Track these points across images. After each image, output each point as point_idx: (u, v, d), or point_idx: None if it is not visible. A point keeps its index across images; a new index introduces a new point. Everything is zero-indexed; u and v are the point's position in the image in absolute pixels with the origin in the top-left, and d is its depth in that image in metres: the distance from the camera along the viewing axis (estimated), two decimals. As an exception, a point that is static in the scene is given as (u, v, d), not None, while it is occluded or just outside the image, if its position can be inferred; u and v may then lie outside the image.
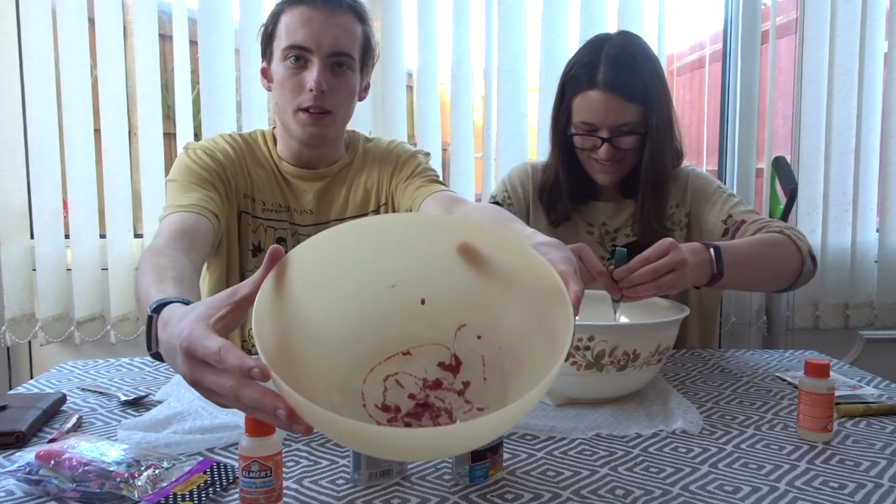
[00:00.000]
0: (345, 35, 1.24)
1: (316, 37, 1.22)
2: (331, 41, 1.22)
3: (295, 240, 1.36)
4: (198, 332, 0.64)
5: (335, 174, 1.38)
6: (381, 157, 1.40)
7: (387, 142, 1.44)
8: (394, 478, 0.79)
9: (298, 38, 1.22)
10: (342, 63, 1.24)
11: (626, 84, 1.30)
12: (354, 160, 1.40)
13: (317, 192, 1.36)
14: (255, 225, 1.35)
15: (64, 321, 1.91)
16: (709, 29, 2.55)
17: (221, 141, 1.35)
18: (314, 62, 1.22)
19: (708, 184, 1.42)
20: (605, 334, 0.97)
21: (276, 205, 1.35)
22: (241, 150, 1.35)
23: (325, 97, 1.23)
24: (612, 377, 0.99)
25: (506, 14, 1.90)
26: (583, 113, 1.33)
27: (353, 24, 1.26)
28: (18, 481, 0.76)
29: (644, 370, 1.01)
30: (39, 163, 1.84)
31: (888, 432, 0.93)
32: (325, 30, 1.22)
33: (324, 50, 1.22)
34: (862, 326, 2.06)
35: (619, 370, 0.98)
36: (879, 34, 1.98)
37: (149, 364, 1.27)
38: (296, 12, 1.23)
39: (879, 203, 2.03)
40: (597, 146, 1.33)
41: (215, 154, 1.30)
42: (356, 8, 1.27)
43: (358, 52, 1.27)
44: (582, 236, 1.44)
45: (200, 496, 0.74)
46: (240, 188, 1.34)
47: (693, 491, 0.77)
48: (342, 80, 1.25)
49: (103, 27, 1.83)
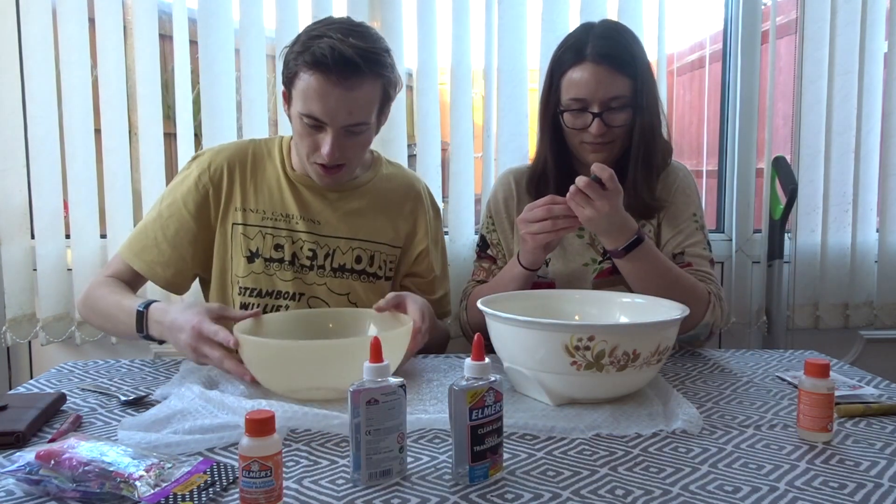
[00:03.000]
0: (361, 108, 1.24)
1: (330, 112, 1.23)
2: (345, 117, 1.23)
3: (296, 247, 1.38)
4: (204, 318, 1.09)
5: (351, 190, 1.41)
6: (403, 196, 1.46)
7: (410, 177, 1.51)
8: (394, 478, 0.79)
9: (314, 110, 1.23)
10: (358, 132, 1.27)
11: (616, 55, 1.31)
12: (374, 180, 1.44)
13: (326, 205, 1.39)
14: (251, 233, 1.38)
15: (64, 321, 1.91)
16: (709, 29, 2.55)
17: (223, 155, 1.40)
18: (329, 130, 1.25)
19: (686, 206, 1.41)
20: (605, 334, 0.97)
21: (277, 213, 1.38)
22: (243, 162, 1.40)
23: (337, 159, 1.28)
24: (611, 377, 0.99)
25: (506, 14, 1.90)
26: (573, 89, 1.33)
27: (370, 91, 1.24)
28: (18, 481, 0.76)
29: (644, 370, 1.01)
30: (39, 163, 1.84)
31: (888, 432, 0.93)
32: (341, 105, 1.22)
33: (338, 123, 1.24)
34: (862, 326, 2.06)
35: (619, 370, 0.98)
36: (879, 34, 1.98)
37: (149, 364, 1.28)
38: (313, 80, 1.21)
39: (879, 203, 2.03)
40: (587, 124, 1.32)
41: (204, 178, 1.37)
42: (375, 69, 1.23)
43: (375, 111, 1.28)
44: (570, 241, 1.42)
45: (200, 496, 0.74)
46: (231, 203, 1.38)
47: (693, 491, 0.77)
48: (356, 139, 1.28)
49: (103, 27, 1.82)
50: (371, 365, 0.79)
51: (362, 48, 1.21)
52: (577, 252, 1.41)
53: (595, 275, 1.39)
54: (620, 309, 1.21)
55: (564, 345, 0.97)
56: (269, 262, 1.37)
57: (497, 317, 1.04)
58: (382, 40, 1.28)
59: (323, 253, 1.39)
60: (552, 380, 1.01)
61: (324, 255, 1.39)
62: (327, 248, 1.39)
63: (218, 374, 1.15)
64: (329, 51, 1.18)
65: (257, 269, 1.37)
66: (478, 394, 0.77)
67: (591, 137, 1.33)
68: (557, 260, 1.41)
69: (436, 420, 0.95)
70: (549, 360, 0.99)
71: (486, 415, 0.78)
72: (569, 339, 0.97)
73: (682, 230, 1.39)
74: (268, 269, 1.37)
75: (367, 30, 1.27)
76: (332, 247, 1.39)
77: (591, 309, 1.24)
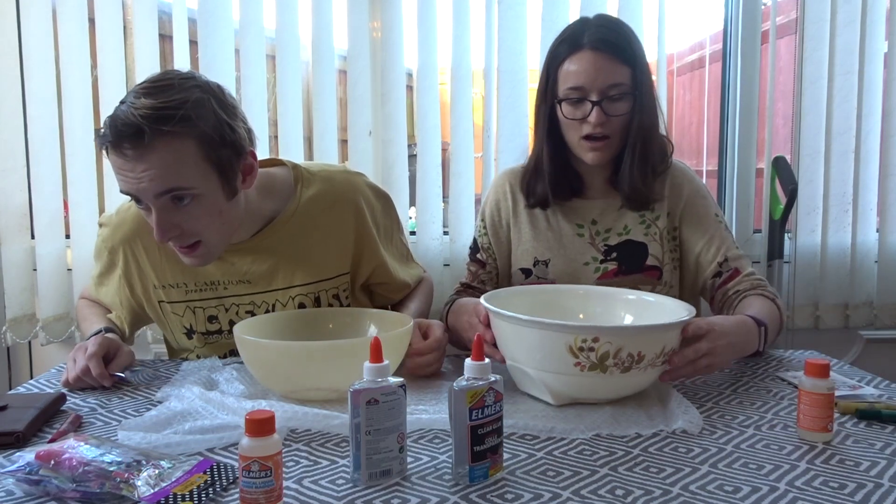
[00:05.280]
0: (166, 175, 1.05)
1: (134, 188, 1.06)
2: (150, 188, 1.05)
3: (230, 314, 1.27)
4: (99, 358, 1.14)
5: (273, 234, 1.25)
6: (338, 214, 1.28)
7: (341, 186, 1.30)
8: (394, 478, 0.79)
9: (123, 188, 1.08)
10: (180, 197, 1.08)
11: (614, 42, 1.29)
12: (297, 212, 1.26)
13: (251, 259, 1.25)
14: (179, 310, 1.28)
15: (64, 321, 1.91)
16: (709, 29, 2.55)
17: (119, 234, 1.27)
18: (150, 206, 1.09)
19: (706, 209, 1.39)
20: (611, 336, 0.95)
21: (200, 283, 1.26)
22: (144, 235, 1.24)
23: (181, 236, 1.11)
24: (615, 378, 0.97)
25: (506, 14, 1.90)
26: (571, 78, 1.30)
27: (168, 154, 1.04)
28: (18, 481, 0.76)
29: (648, 371, 1.00)
30: (39, 163, 1.84)
31: (888, 432, 0.93)
32: (140, 178, 1.05)
33: (149, 198, 1.07)
34: (862, 326, 2.06)
35: (624, 371, 0.97)
36: (879, 34, 1.98)
37: (149, 364, 1.28)
38: (111, 158, 1.07)
39: (879, 203, 2.03)
40: (586, 114, 1.30)
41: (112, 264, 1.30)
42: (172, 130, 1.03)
43: (199, 172, 1.07)
44: (570, 240, 1.41)
45: (200, 496, 0.74)
46: (147, 282, 1.28)
47: (693, 491, 0.77)
48: (191, 210, 1.09)
49: (103, 27, 1.82)
50: (371, 365, 0.79)
51: (147, 109, 1.02)
52: (578, 251, 1.40)
53: (599, 275, 1.39)
54: (625, 307, 1.20)
55: (568, 345, 0.95)
56: (208, 336, 1.29)
57: (500, 315, 1.03)
58: (187, 91, 1.06)
59: (262, 311, 1.27)
60: (555, 380, 1.00)
61: (263, 312, 1.26)
62: (266, 305, 1.27)
63: (218, 376, 1.15)
64: (111, 122, 1.05)
65: (199, 343, 1.30)
66: (478, 394, 0.77)
67: (589, 128, 1.30)
68: (558, 259, 1.40)
69: (436, 420, 0.95)
70: (552, 361, 0.98)
71: (486, 415, 0.78)
72: (573, 339, 0.95)
73: (713, 235, 1.37)
74: (208, 341, 1.30)
75: (166, 85, 1.06)
76: (271, 302, 1.27)
77: (595, 307, 1.22)
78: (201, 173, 1.08)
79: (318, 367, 1.01)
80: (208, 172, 1.08)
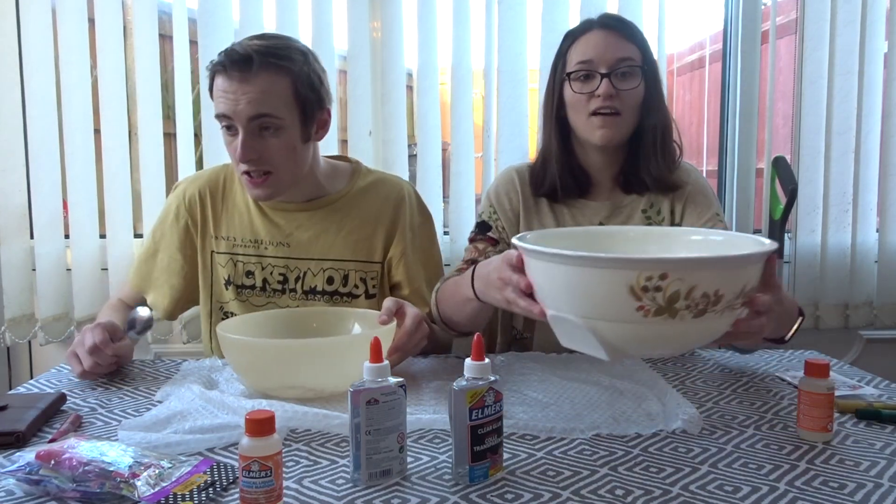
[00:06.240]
0: (262, 99, 1.22)
1: (233, 106, 1.23)
2: (246, 108, 1.22)
3: (265, 272, 1.39)
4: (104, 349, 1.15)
5: (322, 207, 1.39)
6: (381, 207, 1.41)
7: (392, 184, 1.44)
8: (394, 478, 0.79)
9: (221, 108, 1.25)
10: (267, 126, 1.24)
11: (623, 25, 1.33)
12: (349, 194, 1.41)
13: (296, 226, 1.38)
14: (223, 261, 1.40)
15: (63, 321, 1.91)
16: (709, 29, 2.55)
17: (196, 184, 1.43)
18: (239, 130, 1.24)
19: (707, 206, 1.38)
20: (682, 271, 0.76)
21: (247, 240, 1.39)
22: (215, 188, 1.42)
23: (258, 161, 1.26)
24: (685, 325, 0.79)
25: (506, 14, 1.90)
26: (580, 52, 1.32)
27: (269, 83, 1.23)
28: (18, 481, 0.76)
29: (725, 316, 0.81)
30: (39, 163, 1.84)
31: (888, 432, 0.93)
32: (240, 97, 1.22)
33: (242, 117, 1.23)
34: (862, 326, 2.06)
35: (696, 316, 0.78)
36: (879, 34, 1.98)
37: (149, 364, 1.28)
38: (217, 81, 1.25)
39: (879, 203, 2.03)
40: (594, 89, 1.29)
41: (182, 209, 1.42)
42: (271, 61, 1.23)
43: (287, 106, 1.25)
44: None
45: (200, 496, 0.74)
46: (207, 231, 1.42)
47: (693, 491, 0.77)
48: (272, 139, 1.26)
49: (103, 27, 1.82)
50: (371, 365, 0.79)
51: (259, 45, 1.23)
52: None
53: None
54: (688, 248, 1.00)
55: (630, 285, 0.76)
56: (241, 290, 1.40)
57: (542, 253, 0.83)
58: (293, 43, 1.29)
59: (294, 276, 1.38)
60: (612, 329, 0.81)
61: (294, 278, 1.38)
62: (298, 271, 1.38)
63: (218, 375, 1.15)
64: (227, 51, 1.24)
65: (231, 296, 1.40)
66: (478, 394, 0.77)
67: (598, 102, 1.29)
68: None
69: (436, 420, 0.94)
70: (608, 306, 0.79)
71: (486, 415, 0.78)
72: (635, 277, 0.76)
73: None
74: (240, 295, 1.39)
75: (277, 36, 1.31)
76: (303, 269, 1.38)
77: (653, 247, 1.02)
78: (289, 109, 1.25)
79: (292, 365, 1.02)
80: (294, 110, 1.26)
